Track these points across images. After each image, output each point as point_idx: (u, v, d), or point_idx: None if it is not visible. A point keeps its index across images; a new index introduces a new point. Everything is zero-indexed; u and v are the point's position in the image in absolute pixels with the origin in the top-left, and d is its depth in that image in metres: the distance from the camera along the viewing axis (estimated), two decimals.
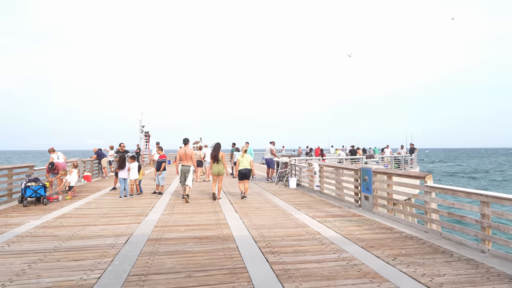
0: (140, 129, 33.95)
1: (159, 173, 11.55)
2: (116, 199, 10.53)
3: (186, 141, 10.69)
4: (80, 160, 16.37)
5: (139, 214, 8.26)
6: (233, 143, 20.57)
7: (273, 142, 15.93)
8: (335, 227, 6.82)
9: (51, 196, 10.24)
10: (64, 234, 6.30)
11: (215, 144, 10.85)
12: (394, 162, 22.14)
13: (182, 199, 10.36)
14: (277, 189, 13.03)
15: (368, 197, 8.54)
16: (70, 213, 8.39)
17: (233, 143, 20.57)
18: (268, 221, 7.43)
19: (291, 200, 10.30)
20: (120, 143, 16.65)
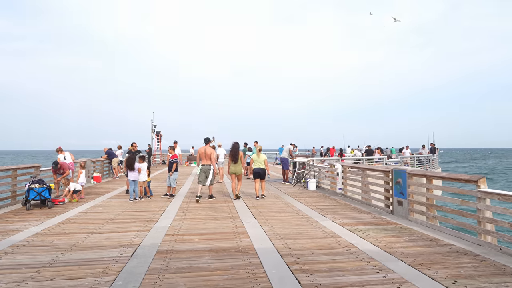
0: (151, 129, 33.51)
1: (170, 174, 10.84)
2: (125, 202, 9.86)
3: (207, 141, 10.47)
4: (89, 160, 15.83)
5: (149, 219, 7.53)
6: (245, 143, 19.85)
7: (294, 144, 15.12)
8: (370, 237, 5.95)
9: (57, 199, 9.62)
10: (65, 244, 5.60)
11: (233, 143, 10.49)
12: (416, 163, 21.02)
13: (196, 199, 10.06)
14: (296, 192, 12.19)
15: (402, 202, 7.63)
16: (75, 218, 7.72)
17: (245, 143, 19.85)
18: (291, 229, 6.60)
19: (313, 204, 9.45)
20: (132, 142, 16.02)
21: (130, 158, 10.37)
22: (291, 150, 14.85)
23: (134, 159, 10.34)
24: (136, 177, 10.21)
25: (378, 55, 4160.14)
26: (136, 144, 14.08)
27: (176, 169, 10.98)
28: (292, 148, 14.89)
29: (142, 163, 10.49)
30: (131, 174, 10.10)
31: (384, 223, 7.15)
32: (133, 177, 10.14)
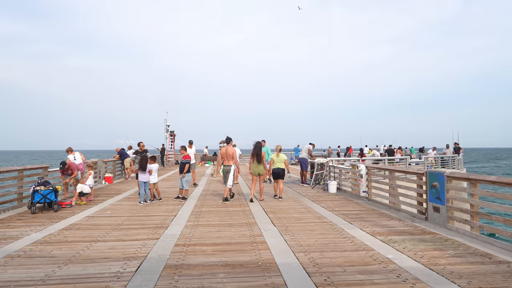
0: (165, 128, 33.19)
1: (183, 175, 10.24)
2: (134, 206, 9.30)
3: (229, 140, 10.29)
4: (101, 160, 15.43)
5: (158, 225, 6.93)
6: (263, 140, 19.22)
7: (313, 144, 14.37)
8: (408, 250, 5.18)
9: (64, 202, 9.14)
10: (64, 255, 5.03)
11: (255, 143, 10.08)
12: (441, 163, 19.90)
13: (223, 201, 9.85)
14: (315, 194, 11.42)
15: (438, 209, 6.80)
16: (80, 223, 7.18)
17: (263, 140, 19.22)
18: (316, 239, 5.87)
19: (336, 209, 8.68)
20: (139, 142, 15.56)
21: (143, 158, 9.81)
22: (311, 150, 14.07)
23: (146, 159, 9.77)
24: (147, 178, 9.64)
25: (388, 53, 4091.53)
26: (143, 144, 13.57)
27: (189, 170, 10.38)
28: (311, 148, 14.11)
29: (153, 164, 9.93)
30: (142, 176, 9.55)
31: (419, 232, 6.34)
32: (144, 178, 9.57)
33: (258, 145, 10.04)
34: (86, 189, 9.72)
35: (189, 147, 13.07)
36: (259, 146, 10.05)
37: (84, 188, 9.71)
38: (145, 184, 9.61)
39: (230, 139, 10.35)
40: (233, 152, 10.00)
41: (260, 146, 10.12)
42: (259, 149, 10.04)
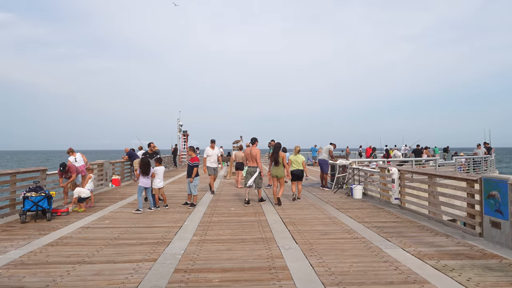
0: (178, 128, 32.41)
1: (191, 180, 9.20)
2: (137, 214, 8.32)
3: (254, 141, 9.82)
4: (108, 161, 14.59)
5: (159, 241, 5.89)
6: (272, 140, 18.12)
7: (334, 144, 13.14)
8: (475, 284, 3.96)
9: (59, 209, 8.23)
10: (36, 285, 4.03)
11: (275, 144, 9.76)
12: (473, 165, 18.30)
13: (245, 204, 9.45)
14: (339, 201, 10.21)
15: (499, 224, 5.52)
16: (70, 237, 6.22)
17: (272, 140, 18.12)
18: (350, 263, 4.71)
19: (367, 220, 7.48)
20: (150, 142, 14.61)
21: (145, 160, 8.83)
22: (331, 150, 12.85)
23: (149, 162, 8.79)
24: (149, 183, 8.65)
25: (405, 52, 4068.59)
26: (154, 145, 12.56)
27: (197, 174, 9.33)
28: (332, 148, 12.88)
29: (159, 167, 8.93)
30: (143, 180, 8.56)
31: (479, 254, 5.09)
32: (146, 183, 8.58)
33: (277, 147, 9.67)
34: (84, 193, 8.80)
35: (211, 147, 11.70)
36: (279, 147, 9.69)
37: (82, 192, 8.79)
38: (146, 189, 8.62)
39: (255, 139, 9.80)
40: (258, 153, 9.49)
41: (279, 147, 9.71)
42: (278, 151, 9.61)
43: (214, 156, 11.65)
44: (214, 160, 11.69)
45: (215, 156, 11.68)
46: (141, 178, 8.53)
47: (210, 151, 11.62)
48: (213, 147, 11.73)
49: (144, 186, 8.57)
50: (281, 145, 9.80)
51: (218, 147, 13.96)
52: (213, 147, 11.73)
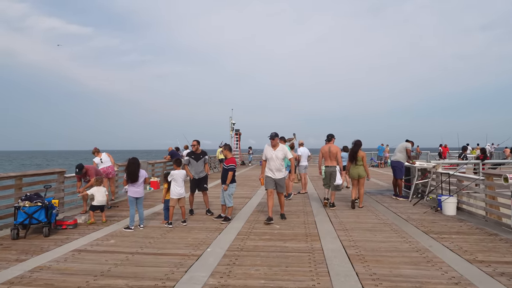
0: (230, 127, 31.04)
1: (225, 187, 7.19)
2: (154, 231, 6.54)
3: (330, 138, 8.98)
4: (146, 162, 13.29)
5: (157, 285, 3.95)
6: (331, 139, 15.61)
7: (412, 141, 10.30)
8: None
9: (65, 221, 6.76)
10: None
11: (355, 141, 8.84)
12: None
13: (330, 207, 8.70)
14: (424, 218, 7.48)
15: None
16: (48, 267, 4.55)
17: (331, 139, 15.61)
18: None
19: (479, 258, 4.80)
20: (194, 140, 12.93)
21: (132, 163, 6.69)
22: (409, 149, 9.99)
23: (138, 164, 6.78)
24: (140, 192, 6.77)
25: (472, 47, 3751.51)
26: (196, 143, 10.76)
27: (233, 179, 7.30)
28: (410, 147, 10.03)
29: (177, 171, 6.98)
30: (131, 188, 6.71)
31: None
32: (135, 192, 6.69)
33: (357, 144, 8.79)
34: (98, 199, 7.24)
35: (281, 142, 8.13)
36: (359, 145, 8.81)
37: (96, 196, 7.24)
38: (136, 200, 6.74)
39: (332, 136, 9.00)
40: (338, 151, 8.79)
41: (359, 145, 8.81)
42: (357, 148, 8.74)
43: (278, 160, 7.22)
44: (277, 167, 7.25)
45: (279, 160, 7.22)
46: (129, 185, 6.71)
47: (269, 151, 7.32)
48: (276, 145, 7.28)
49: (133, 196, 6.69)
50: (361, 142, 8.81)
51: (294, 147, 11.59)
52: (275, 144, 7.29)
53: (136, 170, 6.60)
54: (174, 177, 6.90)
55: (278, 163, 7.20)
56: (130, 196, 6.65)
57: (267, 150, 7.26)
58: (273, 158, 7.17)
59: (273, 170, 7.21)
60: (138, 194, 6.70)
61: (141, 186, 6.73)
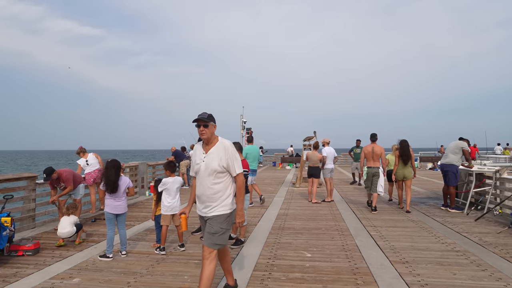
0: (241, 125, 29.29)
1: None
2: (145, 258, 4.79)
3: (374, 138, 8.51)
4: (145, 164, 11.59)
5: None
6: (358, 140, 13.82)
7: (467, 140, 8.33)
8: None
9: (22, 245, 5.04)
10: None
11: (402, 140, 8.33)
12: None
13: (371, 211, 8.07)
14: (504, 241, 5.55)
15: None
16: None
17: (358, 140, 13.82)
18: None
19: None
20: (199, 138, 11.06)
21: (109, 167, 4.88)
22: (466, 150, 8.02)
23: (118, 167, 4.95)
24: (122, 208, 4.96)
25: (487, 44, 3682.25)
26: None
27: (246, 189, 5.50)
28: (466, 147, 8.05)
29: (169, 178, 5.21)
30: (109, 202, 4.93)
31: None
32: (116, 207, 4.90)
33: (404, 144, 8.27)
34: (61, 229, 5.48)
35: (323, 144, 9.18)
36: (406, 145, 8.27)
37: (61, 225, 5.50)
38: (117, 218, 4.97)
39: (375, 135, 8.50)
40: (382, 151, 8.33)
41: (407, 145, 8.25)
42: (406, 149, 8.23)
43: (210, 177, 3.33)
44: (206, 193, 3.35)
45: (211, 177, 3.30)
46: (107, 198, 4.94)
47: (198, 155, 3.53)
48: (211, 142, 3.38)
49: (112, 212, 4.91)
50: (407, 143, 8.26)
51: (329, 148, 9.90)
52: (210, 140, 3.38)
53: (115, 177, 4.83)
54: (167, 186, 5.12)
55: (209, 183, 3.24)
56: (107, 212, 4.88)
57: (195, 154, 3.41)
58: (201, 170, 3.28)
59: (202, 198, 3.29)
60: (119, 209, 4.93)
61: (122, 198, 4.96)
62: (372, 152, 8.30)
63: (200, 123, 3.22)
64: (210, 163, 3.21)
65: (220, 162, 3.20)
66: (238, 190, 3.31)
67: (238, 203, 3.32)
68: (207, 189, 3.22)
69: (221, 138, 3.31)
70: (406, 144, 8.27)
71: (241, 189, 3.30)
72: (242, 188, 3.30)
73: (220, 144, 3.28)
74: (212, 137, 3.29)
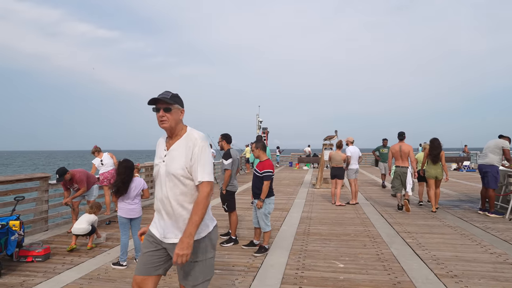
0: (257, 125, 28.86)
1: (259, 204, 4.93)
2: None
3: (402, 136, 8.30)
4: None
5: None
6: (384, 139, 13.14)
7: (508, 137, 7.64)
8: None
9: (31, 250, 4.72)
10: None
11: (433, 139, 8.00)
12: None
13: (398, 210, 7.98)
14: None
15: None
16: None
17: (384, 139, 13.14)
18: None
19: None
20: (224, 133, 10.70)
21: (123, 167, 4.46)
22: (507, 149, 7.34)
23: (131, 168, 4.53)
24: (137, 212, 4.54)
25: None
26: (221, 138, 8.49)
27: (271, 192, 5.03)
28: (507, 146, 7.37)
29: None
30: (123, 205, 4.52)
31: None
32: (129, 211, 4.48)
33: (437, 142, 7.95)
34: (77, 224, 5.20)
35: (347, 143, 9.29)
36: (437, 144, 7.96)
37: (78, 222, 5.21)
38: (131, 222, 4.56)
39: (403, 134, 8.28)
40: (410, 150, 8.04)
41: (438, 143, 7.94)
42: (438, 148, 7.90)
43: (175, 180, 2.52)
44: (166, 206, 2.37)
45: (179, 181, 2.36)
46: (119, 201, 4.54)
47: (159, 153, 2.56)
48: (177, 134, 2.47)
49: (125, 217, 4.48)
50: (439, 141, 7.96)
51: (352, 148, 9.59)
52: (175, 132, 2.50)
53: (126, 178, 4.43)
54: None
55: (172, 192, 2.29)
56: (120, 216, 4.50)
57: (157, 150, 2.48)
58: (160, 174, 2.35)
59: (161, 214, 2.35)
60: (133, 213, 4.54)
61: (136, 201, 4.57)
62: (400, 151, 8.15)
63: (160, 106, 2.27)
64: (171, 164, 2.25)
65: (185, 163, 2.23)
66: (196, 206, 2.16)
67: (189, 224, 2.14)
68: (170, 201, 2.25)
69: (190, 129, 2.38)
70: (437, 143, 7.99)
71: (200, 205, 2.16)
72: (203, 203, 2.17)
73: (187, 137, 2.31)
74: (178, 127, 2.33)
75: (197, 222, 2.14)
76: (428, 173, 8.11)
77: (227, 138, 5.80)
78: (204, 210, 2.17)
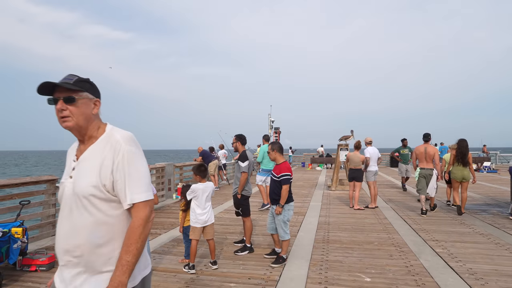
0: (269, 124, 28.46)
1: (278, 210, 4.56)
2: (171, 278, 4.07)
3: (427, 138, 8.00)
4: (171, 165, 11.00)
5: None
6: (404, 139, 12.64)
7: None
8: None
9: (35, 259, 4.46)
10: None
11: (460, 140, 7.78)
12: None
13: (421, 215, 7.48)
14: None
15: None
16: None
17: (404, 139, 12.64)
18: None
19: None
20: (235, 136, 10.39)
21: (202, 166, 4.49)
22: None
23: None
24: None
25: None
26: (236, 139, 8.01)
27: (290, 197, 4.65)
28: None
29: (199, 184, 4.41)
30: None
31: None
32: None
33: (464, 144, 7.81)
34: None
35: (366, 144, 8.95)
36: (465, 145, 7.80)
37: None
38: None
39: (428, 135, 8.04)
40: (435, 152, 7.76)
41: (466, 144, 7.81)
42: (465, 149, 7.72)
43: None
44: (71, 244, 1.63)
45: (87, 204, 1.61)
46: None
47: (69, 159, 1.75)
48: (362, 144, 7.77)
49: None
50: (467, 143, 7.79)
51: None
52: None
53: None
54: (197, 194, 4.35)
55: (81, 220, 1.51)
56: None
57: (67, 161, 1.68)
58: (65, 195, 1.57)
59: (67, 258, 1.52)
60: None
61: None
62: (424, 152, 7.87)
63: (58, 95, 1.53)
64: (80, 180, 1.52)
65: (100, 177, 1.50)
66: (128, 239, 1.48)
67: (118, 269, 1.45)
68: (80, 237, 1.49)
69: (111, 128, 1.63)
70: (465, 145, 7.85)
71: (133, 237, 1.47)
72: (137, 234, 1.48)
73: (105, 139, 1.58)
74: (91, 126, 1.59)
75: (130, 264, 1.44)
76: (454, 174, 7.88)
77: (242, 139, 5.46)
78: (141, 244, 1.47)
